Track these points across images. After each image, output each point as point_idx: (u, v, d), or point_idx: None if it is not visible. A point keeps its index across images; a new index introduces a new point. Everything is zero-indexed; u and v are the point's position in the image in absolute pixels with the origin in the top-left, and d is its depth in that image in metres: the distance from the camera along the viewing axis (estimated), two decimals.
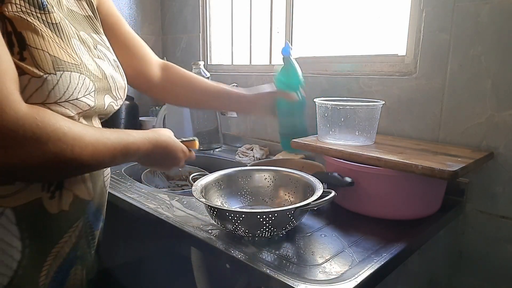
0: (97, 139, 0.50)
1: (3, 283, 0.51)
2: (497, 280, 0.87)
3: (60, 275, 0.58)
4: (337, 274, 0.56)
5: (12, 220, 0.50)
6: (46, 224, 0.54)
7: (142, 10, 1.69)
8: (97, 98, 0.55)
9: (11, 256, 0.51)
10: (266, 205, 0.80)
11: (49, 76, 0.48)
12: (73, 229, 0.58)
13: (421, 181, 0.73)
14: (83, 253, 0.62)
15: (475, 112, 0.85)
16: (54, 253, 0.56)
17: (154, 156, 0.64)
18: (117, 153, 0.54)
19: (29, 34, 0.47)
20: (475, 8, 0.82)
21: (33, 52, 0.47)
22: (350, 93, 1.07)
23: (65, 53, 0.50)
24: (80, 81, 0.52)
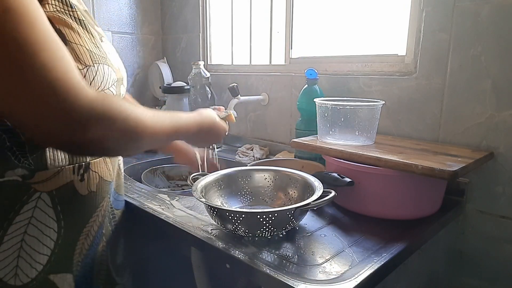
0: (155, 121, 0.55)
1: (42, 262, 0.56)
2: (497, 280, 0.87)
3: (91, 252, 0.63)
4: (337, 274, 0.56)
5: (48, 203, 0.55)
6: (78, 205, 0.59)
7: (142, 10, 1.69)
8: (117, 89, 0.60)
9: (48, 236, 0.56)
10: (266, 205, 0.80)
11: (89, 68, 0.53)
12: (99, 208, 0.63)
13: (421, 181, 0.73)
14: (107, 231, 0.67)
15: (475, 112, 0.85)
16: (86, 232, 0.61)
17: (200, 135, 0.70)
18: (171, 133, 0.59)
19: (67, 30, 0.52)
20: (475, 8, 0.82)
21: (73, 47, 0.52)
22: (350, 93, 1.07)
23: (96, 47, 0.56)
24: (108, 72, 0.57)
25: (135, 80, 1.72)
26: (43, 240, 0.56)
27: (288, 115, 1.27)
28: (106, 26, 1.57)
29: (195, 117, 0.68)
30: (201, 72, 1.32)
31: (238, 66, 1.46)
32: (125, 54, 1.65)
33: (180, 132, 0.62)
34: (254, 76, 1.36)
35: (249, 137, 1.41)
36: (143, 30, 1.70)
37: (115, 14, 1.60)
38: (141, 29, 1.69)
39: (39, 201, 0.54)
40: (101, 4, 1.54)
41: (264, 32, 1.37)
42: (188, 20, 1.62)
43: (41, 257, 0.56)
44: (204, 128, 0.70)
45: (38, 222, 0.55)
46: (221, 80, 1.48)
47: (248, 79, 1.38)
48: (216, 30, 1.57)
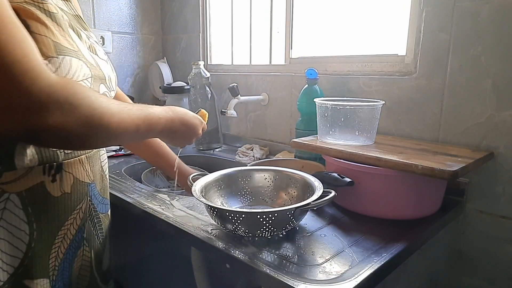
0: (122, 109, 0.53)
1: (14, 265, 0.54)
2: (497, 280, 0.87)
3: (68, 256, 0.61)
4: (337, 274, 0.56)
5: (17, 204, 0.53)
6: (51, 206, 0.57)
7: (142, 10, 1.69)
8: (93, 85, 0.58)
9: (19, 239, 0.54)
10: (266, 205, 0.80)
11: (52, 59, 0.50)
12: (77, 211, 0.61)
13: (421, 181, 0.73)
14: (90, 235, 0.65)
15: (475, 112, 0.85)
16: (62, 235, 0.59)
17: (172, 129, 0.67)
18: (141, 123, 0.57)
19: (33, 22, 0.50)
20: (475, 8, 0.82)
21: (37, 38, 0.50)
22: (350, 93, 1.07)
23: (65, 40, 0.54)
24: (79, 66, 0.54)
25: (135, 80, 1.72)
26: (14, 242, 0.54)
27: (288, 115, 1.27)
28: (106, 26, 1.57)
29: (166, 110, 0.66)
30: (201, 72, 1.32)
31: (238, 66, 1.46)
32: (125, 54, 1.65)
33: (152, 120, 0.60)
34: (254, 76, 1.36)
35: (249, 137, 1.41)
36: (143, 30, 1.70)
37: (115, 14, 1.60)
38: (141, 29, 1.69)
39: (8, 202, 0.52)
40: (101, 4, 1.54)
41: (264, 32, 1.37)
42: (188, 20, 1.62)
43: (13, 260, 0.54)
44: (176, 121, 0.68)
45: (7, 224, 0.53)
46: (221, 80, 1.48)
47: (248, 79, 1.38)
48: (216, 30, 1.57)
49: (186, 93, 1.41)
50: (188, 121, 0.71)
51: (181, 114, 0.69)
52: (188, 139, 0.76)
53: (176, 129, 0.68)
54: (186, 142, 0.77)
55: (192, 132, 0.74)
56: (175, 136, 0.70)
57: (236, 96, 1.20)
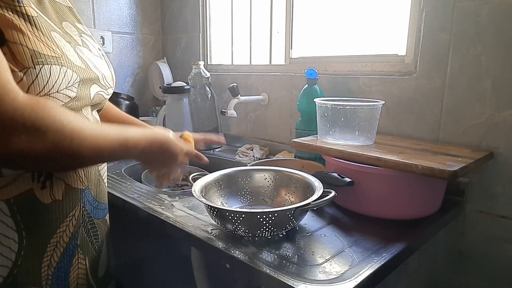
0: (98, 133, 0.51)
1: (3, 274, 0.52)
2: (497, 280, 0.87)
3: (63, 265, 0.59)
4: (337, 274, 0.56)
5: (5, 212, 0.51)
6: (41, 214, 0.55)
7: (142, 10, 1.69)
8: (81, 89, 0.55)
9: (8, 247, 0.52)
10: (266, 205, 0.80)
11: (28, 70, 0.48)
12: (69, 218, 0.59)
13: (421, 181, 0.73)
14: (84, 242, 0.62)
15: (475, 112, 0.85)
16: (54, 243, 0.57)
17: (152, 153, 0.63)
18: (117, 147, 0.55)
19: (8, 29, 0.47)
20: (475, 8, 0.82)
21: (11, 47, 0.47)
22: (350, 93, 1.07)
23: (44, 46, 0.50)
24: (61, 73, 0.51)
25: (135, 80, 1.72)
26: (2, 251, 0.52)
27: (288, 115, 1.27)
28: (106, 26, 1.57)
29: (146, 132, 0.63)
30: (201, 72, 1.32)
31: (238, 66, 1.46)
32: (125, 54, 1.65)
33: (128, 146, 0.57)
34: (254, 76, 1.36)
35: (249, 137, 1.41)
36: (143, 30, 1.70)
37: (115, 14, 1.60)
38: (141, 29, 1.69)
39: None
40: (101, 4, 1.54)
41: (264, 32, 1.37)
42: (188, 20, 1.62)
43: (2, 269, 0.52)
44: (156, 144, 0.63)
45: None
46: (221, 80, 1.48)
47: (248, 79, 1.38)
48: (216, 30, 1.57)
49: (186, 93, 1.41)
50: (167, 149, 0.66)
51: (161, 140, 0.65)
52: (165, 166, 0.71)
53: (153, 155, 0.64)
54: (162, 168, 0.73)
55: (170, 160, 0.69)
56: (152, 161, 0.68)
57: (236, 96, 1.20)
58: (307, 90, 1.06)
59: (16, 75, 0.47)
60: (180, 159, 0.70)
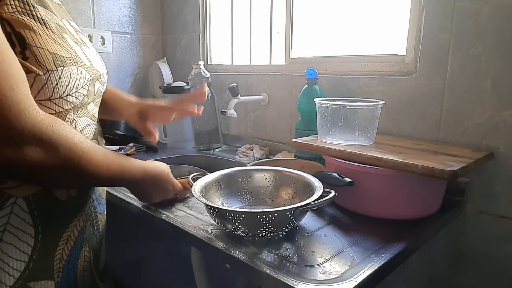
0: (102, 157, 0.54)
1: (20, 268, 0.54)
2: (497, 280, 0.87)
3: (72, 258, 0.61)
4: (337, 274, 0.56)
5: (24, 208, 0.53)
6: (57, 210, 0.57)
7: (142, 10, 1.69)
8: (89, 87, 0.58)
9: (25, 242, 0.54)
10: (266, 205, 0.80)
11: (52, 72, 0.50)
12: (80, 214, 0.61)
13: (421, 181, 0.73)
14: (89, 236, 0.65)
15: (475, 112, 0.85)
16: (65, 237, 0.59)
17: (145, 185, 0.68)
18: (114, 176, 0.59)
19: (28, 33, 0.49)
20: (475, 8, 0.82)
21: (34, 50, 0.49)
22: (350, 93, 1.07)
23: (62, 48, 0.53)
24: (78, 73, 0.54)
25: (135, 80, 1.72)
26: (20, 246, 0.54)
27: (288, 115, 1.27)
28: (106, 26, 1.57)
29: (144, 163, 0.66)
30: (201, 72, 1.32)
31: (238, 66, 1.46)
32: (125, 54, 1.65)
33: (125, 175, 0.61)
34: (254, 76, 1.36)
35: (249, 137, 1.41)
36: (143, 30, 1.70)
37: (115, 14, 1.60)
38: (141, 29, 1.69)
39: (15, 206, 0.52)
40: (101, 4, 1.54)
41: (264, 32, 1.37)
42: (188, 20, 1.62)
43: (19, 264, 0.54)
44: (150, 177, 0.68)
45: (14, 229, 0.53)
46: (221, 80, 1.48)
47: (248, 79, 1.38)
48: (216, 30, 1.57)
49: (186, 93, 1.41)
50: (159, 184, 0.72)
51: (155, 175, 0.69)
52: (153, 199, 0.77)
53: (144, 188, 0.69)
54: (150, 201, 0.79)
55: (159, 195, 0.75)
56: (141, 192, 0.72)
57: (236, 96, 1.20)
58: (307, 90, 1.06)
59: (41, 79, 0.49)
60: (170, 195, 0.77)
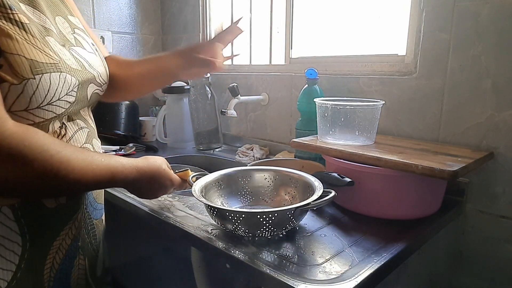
0: (86, 164, 0.50)
1: (7, 278, 0.52)
2: (497, 280, 0.87)
3: (64, 266, 0.59)
4: (337, 274, 0.56)
5: (10, 217, 0.51)
6: (45, 218, 0.55)
7: (142, 10, 1.69)
8: (79, 92, 0.55)
9: (12, 251, 0.52)
10: (266, 205, 0.80)
11: (28, 81, 0.46)
12: (72, 221, 0.59)
13: (421, 181, 0.73)
14: (84, 243, 0.63)
15: (475, 112, 0.85)
16: (56, 245, 0.57)
17: (140, 183, 0.63)
18: (104, 179, 0.54)
19: (2, 39, 0.45)
20: (475, 8, 0.82)
21: (9, 58, 0.45)
22: (350, 93, 1.07)
23: (42, 54, 0.49)
24: (61, 80, 0.51)
25: None
26: (6, 255, 0.51)
27: (288, 115, 1.27)
28: (106, 26, 1.57)
29: (137, 161, 0.62)
30: None
31: (238, 66, 1.46)
32: (125, 54, 1.65)
33: (116, 177, 0.56)
34: (254, 76, 1.36)
35: (249, 137, 1.41)
36: (143, 30, 1.70)
37: (115, 14, 1.60)
38: (141, 29, 1.69)
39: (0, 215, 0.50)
40: (101, 4, 1.54)
41: (264, 32, 1.37)
42: (188, 20, 1.62)
43: (5, 273, 0.52)
44: (146, 175, 0.63)
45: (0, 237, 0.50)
46: (221, 80, 1.48)
47: (248, 79, 1.38)
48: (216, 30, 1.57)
49: (186, 93, 1.41)
50: (157, 181, 0.67)
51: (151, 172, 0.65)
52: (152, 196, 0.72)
53: (141, 186, 0.65)
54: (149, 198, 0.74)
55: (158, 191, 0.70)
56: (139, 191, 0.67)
57: (236, 96, 1.20)
58: (307, 90, 1.06)
59: (16, 88, 0.46)
60: (169, 191, 0.72)
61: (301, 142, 0.90)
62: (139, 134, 1.53)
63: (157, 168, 0.67)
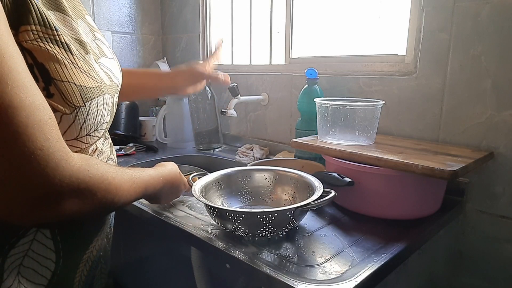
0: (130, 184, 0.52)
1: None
2: (497, 280, 0.87)
3: (89, 278, 0.59)
4: (337, 274, 0.56)
5: (47, 235, 0.50)
6: (79, 234, 0.55)
7: (142, 10, 1.69)
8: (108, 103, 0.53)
9: (46, 267, 0.51)
10: (266, 205, 0.80)
11: (79, 109, 0.45)
12: (100, 233, 0.59)
13: (421, 181, 0.73)
14: (105, 252, 0.63)
15: (475, 112, 0.85)
16: (86, 258, 0.57)
17: (164, 190, 0.66)
18: (139, 195, 0.57)
19: (52, 64, 0.43)
20: (475, 8, 0.82)
21: (59, 86, 0.43)
22: (350, 93, 1.07)
23: (88, 78, 0.47)
24: (104, 102, 0.50)
25: None
26: (39, 270, 0.50)
27: (288, 115, 1.27)
28: (106, 26, 1.57)
29: (160, 171, 0.65)
30: None
31: (238, 66, 1.46)
32: (125, 54, 1.65)
33: (149, 190, 0.59)
34: (254, 76, 1.36)
35: (249, 137, 1.41)
36: (143, 30, 1.70)
37: (115, 14, 1.60)
38: (141, 29, 1.69)
39: (38, 233, 0.49)
40: (101, 4, 1.54)
41: (264, 32, 1.37)
42: (188, 20, 1.62)
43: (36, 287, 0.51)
44: (169, 182, 0.67)
45: (35, 254, 0.49)
46: None
47: (248, 79, 1.38)
48: (216, 30, 1.57)
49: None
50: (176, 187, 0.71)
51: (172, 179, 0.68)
52: (167, 201, 0.77)
53: (160, 194, 0.67)
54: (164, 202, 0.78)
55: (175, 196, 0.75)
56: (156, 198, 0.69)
57: (236, 96, 1.20)
58: (307, 90, 1.06)
59: (68, 118, 0.44)
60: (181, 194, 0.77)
61: (301, 142, 0.90)
62: (139, 134, 1.53)
63: (175, 173, 0.70)
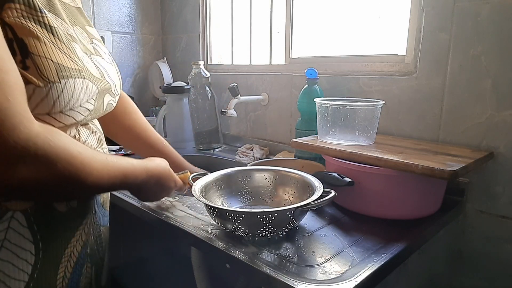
0: (103, 166, 0.50)
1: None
2: (497, 280, 0.87)
3: (75, 275, 0.58)
4: (337, 274, 0.56)
5: (23, 223, 0.49)
6: (58, 223, 0.54)
7: (142, 10, 1.69)
8: (97, 101, 0.54)
9: (25, 260, 0.50)
10: (266, 205, 0.80)
11: (53, 85, 0.46)
12: (82, 226, 0.58)
13: (421, 181, 0.73)
14: (92, 250, 0.62)
15: (475, 112, 0.85)
16: (68, 253, 0.56)
17: (148, 184, 0.64)
18: (117, 181, 0.54)
19: (31, 40, 0.45)
20: (475, 8, 0.82)
21: (36, 60, 0.45)
22: (350, 93, 1.07)
23: (68, 59, 0.49)
24: (84, 86, 0.51)
25: (135, 80, 1.72)
26: (18, 264, 0.49)
27: (288, 115, 1.27)
28: (106, 26, 1.57)
29: (145, 162, 0.63)
30: (201, 72, 1.32)
31: (238, 66, 1.46)
32: (125, 54, 1.65)
33: (128, 178, 0.57)
34: (254, 76, 1.36)
35: (249, 137, 1.41)
36: (143, 30, 1.70)
37: (115, 14, 1.60)
38: (141, 29, 1.69)
39: (12, 221, 0.48)
40: (101, 4, 1.54)
41: (264, 32, 1.37)
42: (188, 20, 1.62)
43: (17, 283, 0.49)
44: (154, 177, 0.64)
45: (12, 245, 0.48)
46: (221, 80, 1.48)
47: (248, 79, 1.38)
48: (216, 30, 1.57)
49: (186, 93, 1.41)
50: (163, 183, 0.68)
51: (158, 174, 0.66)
52: (156, 198, 0.74)
53: (146, 188, 0.65)
54: (153, 200, 0.76)
55: (161, 194, 0.72)
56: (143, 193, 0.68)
57: (236, 96, 1.20)
58: (307, 90, 1.06)
59: (41, 91, 0.45)
60: (171, 192, 0.74)
61: (301, 142, 0.90)
62: None
63: (163, 169, 0.68)
